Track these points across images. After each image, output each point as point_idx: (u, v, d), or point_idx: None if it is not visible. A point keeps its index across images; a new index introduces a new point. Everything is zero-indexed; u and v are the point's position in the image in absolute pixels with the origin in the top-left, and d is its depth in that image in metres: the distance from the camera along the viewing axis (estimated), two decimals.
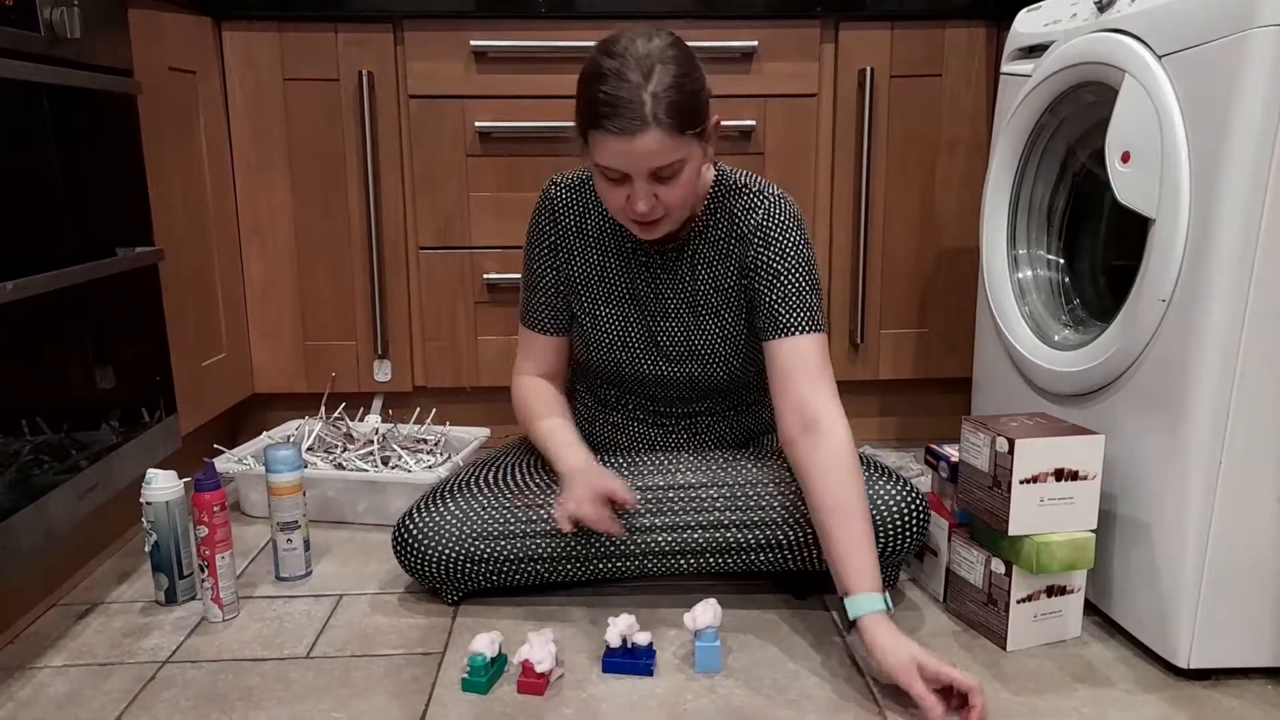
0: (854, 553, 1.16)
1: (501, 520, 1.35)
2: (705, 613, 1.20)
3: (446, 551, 1.33)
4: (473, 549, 1.33)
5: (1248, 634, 1.17)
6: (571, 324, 1.46)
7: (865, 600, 1.14)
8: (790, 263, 1.31)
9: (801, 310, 1.30)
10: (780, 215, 1.33)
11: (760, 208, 1.34)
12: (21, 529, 1.19)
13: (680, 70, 1.17)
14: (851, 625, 1.14)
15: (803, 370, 1.28)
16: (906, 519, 1.30)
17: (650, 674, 1.19)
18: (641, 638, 1.20)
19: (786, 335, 1.30)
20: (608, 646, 1.20)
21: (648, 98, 1.14)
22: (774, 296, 1.31)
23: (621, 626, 1.19)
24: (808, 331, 1.30)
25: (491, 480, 1.42)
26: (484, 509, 1.36)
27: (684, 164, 1.20)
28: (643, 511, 1.34)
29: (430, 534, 1.34)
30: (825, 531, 1.19)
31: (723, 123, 1.83)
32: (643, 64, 1.15)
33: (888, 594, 1.15)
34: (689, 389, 1.43)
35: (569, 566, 1.35)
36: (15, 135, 1.21)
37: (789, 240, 1.32)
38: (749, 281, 1.35)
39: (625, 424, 1.49)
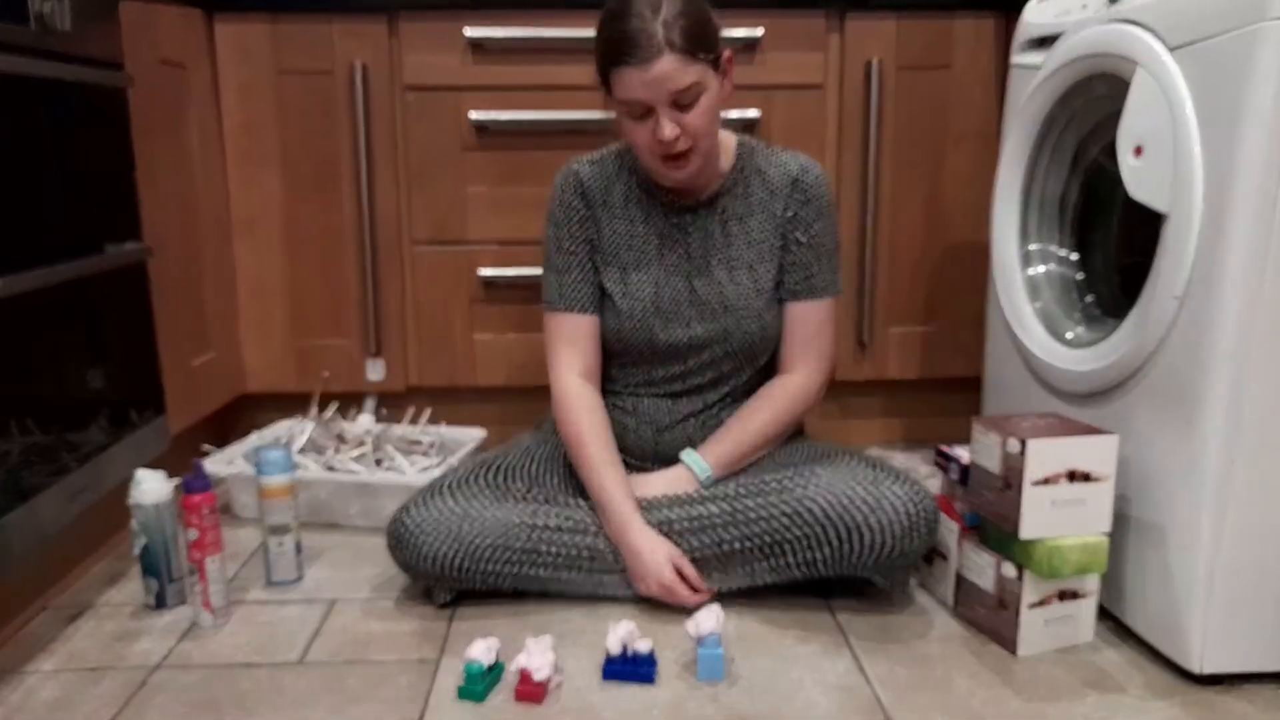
0: (721, 437, 1.42)
1: (501, 522, 1.33)
2: (708, 619, 1.18)
3: (442, 549, 1.31)
4: (471, 548, 1.31)
5: (1261, 639, 1.16)
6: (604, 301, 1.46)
7: (694, 457, 1.40)
8: (825, 221, 1.44)
9: (829, 271, 1.46)
10: (814, 171, 1.44)
11: (793, 163, 1.44)
12: (11, 531, 1.17)
13: (687, 2, 1.27)
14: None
15: (804, 333, 1.46)
16: (914, 521, 1.27)
17: (651, 682, 1.17)
18: (643, 645, 1.17)
19: (810, 299, 1.45)
20: (608, 654, 1.18)
21: (659, 27, 1.24)
22: (809, 256, 1.43)
23: (622, 633, 1.17)
24: (829, 295, 1.46)
25: (492, 481, 1.40)
26: (483, 508, 1.34)
27: (701, 90, 1.28)
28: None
29: (426, 530, 1.32)
30: (727, 423, 1.44)
31: (726, 114, 1.84)
32: (652, 3, 1.26)
33: (710, 472, 1.39)
34: (721, 345, 1.43)
35: (571, 575, 1.34)
36: (3, 129, 1.19)
37: (824, 198, 1.44)
38: (786, 234, 1.43)
39: (637, 412, 1.48)
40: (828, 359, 1.47)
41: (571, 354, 1.43)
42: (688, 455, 1.40)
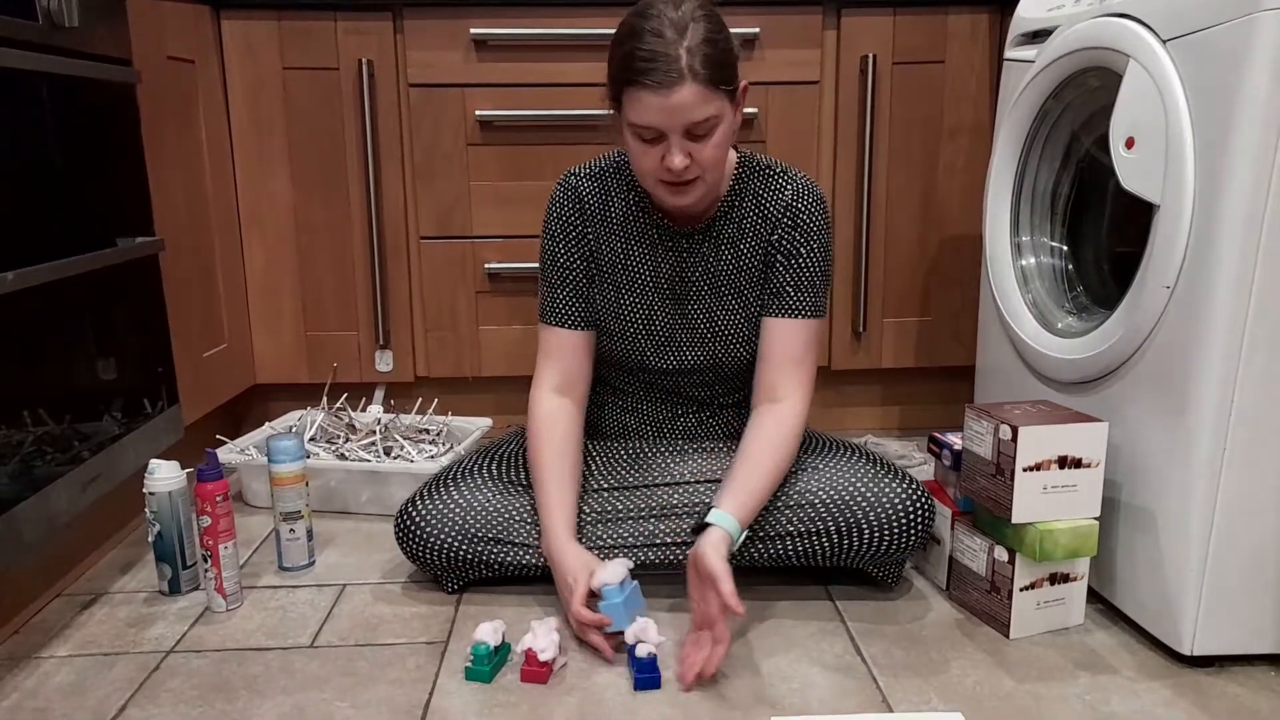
0: (739, 488, 1.26)
1: (505, 511, 1.35)
2: (603, 573, 1.20)
3: (449, 539, 1.34)
4: (475, 538, 1.34)
5: (1251, 621, 1.17)
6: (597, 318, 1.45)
7: (723, 517, 1.21)
8: (811, 245, 1.36)
9: (808, 294, 1.36)
10: (809, 196, 1.37)
11: (788, 188, 1.37)
12: (25, 519, 1.19)
13: (712, 28, 1.21)
14: (699, 530, 1.21)
15: (787, 354, 1.35)
16: (911, 517, 1.30)
17: (658, 686, 1.15)
18: (642, 649, 1.15)
19: (786, 317, 1.36)
20: (631, 652, 1.16)
21: (683, 52, 1.17)
22: (786, 277, 1.36)
23: (636, 629, 1.17)
24: (806, 316, 1.36)
25: (496, 471, 1.42)
26: (488, 499, 1.36)
27: (718, 122, 1.22)
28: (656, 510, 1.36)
29: (433, 521, 1.34)
30: (731, 469, 1.29)
31: None
32: (677, 23, 1.19)
33: (744, 534, 1.24)
34: (713, 372, 1.43)
35: None
36: (14, 125, 1.21)
37: (815, 224, 1.36)
38: (770, 255, 1.37)
39: (636, 411, 1.49)
40: (812, 383, 1.38)
41: (552, 369, 1.40)
42: (718, 518, 1.22)
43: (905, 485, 1.31)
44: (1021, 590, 1.24)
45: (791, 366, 1.35)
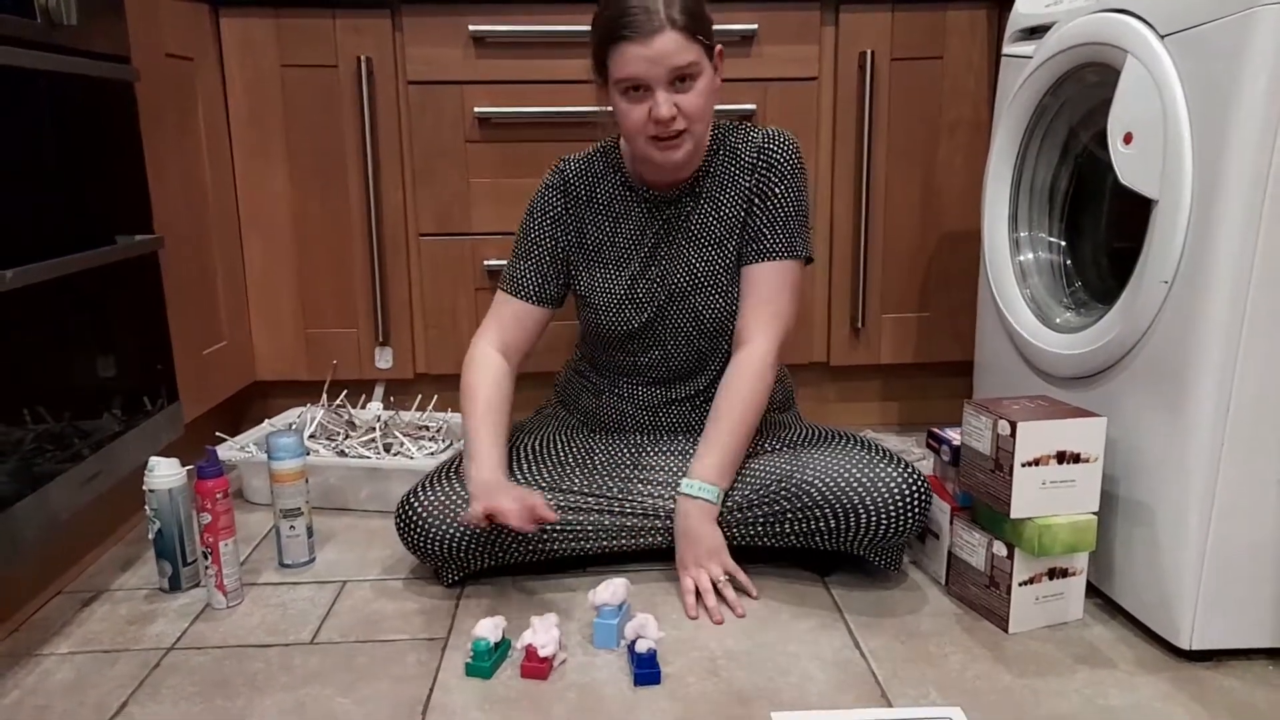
0: (707, 448, 1.35)
1: None
2: (604, 592, 1.21)
3: (450, 530, 1.34)
4: (476, 530, 1.34)
5: (1249, 615, 1.17)
6: (562, 301, 1.49)
7: (697, 484, 1.33)
8: (785, 185, 1.41)
9: (782, 235, 1.41)
10: (780, 139, 1.42)
11: (760, 135, 1.43)
12: (25, 517, 1.19)
13: None
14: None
15: (760, 296, 1.40)
16: (908, 501, 1.30)
17: (657, 682, 1.15)
18: (642, 645, 1.16)
19: (760, 260, 1.41)
20: (632, 650, 1.17)
21: (660, 5, 1.26)
22: (762, 219, 1.41)
23: (636, 625, 1.18)
24: (780, 258, 1.40)
25: None
26: None
27: (699, 71, 1.29)
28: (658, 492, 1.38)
29: (434, 512, 1.35)
30: (705, 430, 1.38)
31: (722, 106, 1.86)
32: None
33: (720, 491, 1.33)
34: (694, 326, 1.44)
35: (576, 543, 1.36)
36: (12, 123, 1.21)
37: (787, 164, 1.41)
38: (749, 202, 1.42)
39: (631, 398, 1.50)
40: (783, 322, 1.40)
41: (495, 331, 1.46)
42: (689, 487, 1.33)
43: (901, 470, 1.32)
44: (1020, 585, 1.24)
45: (761, 307, 1.40)
